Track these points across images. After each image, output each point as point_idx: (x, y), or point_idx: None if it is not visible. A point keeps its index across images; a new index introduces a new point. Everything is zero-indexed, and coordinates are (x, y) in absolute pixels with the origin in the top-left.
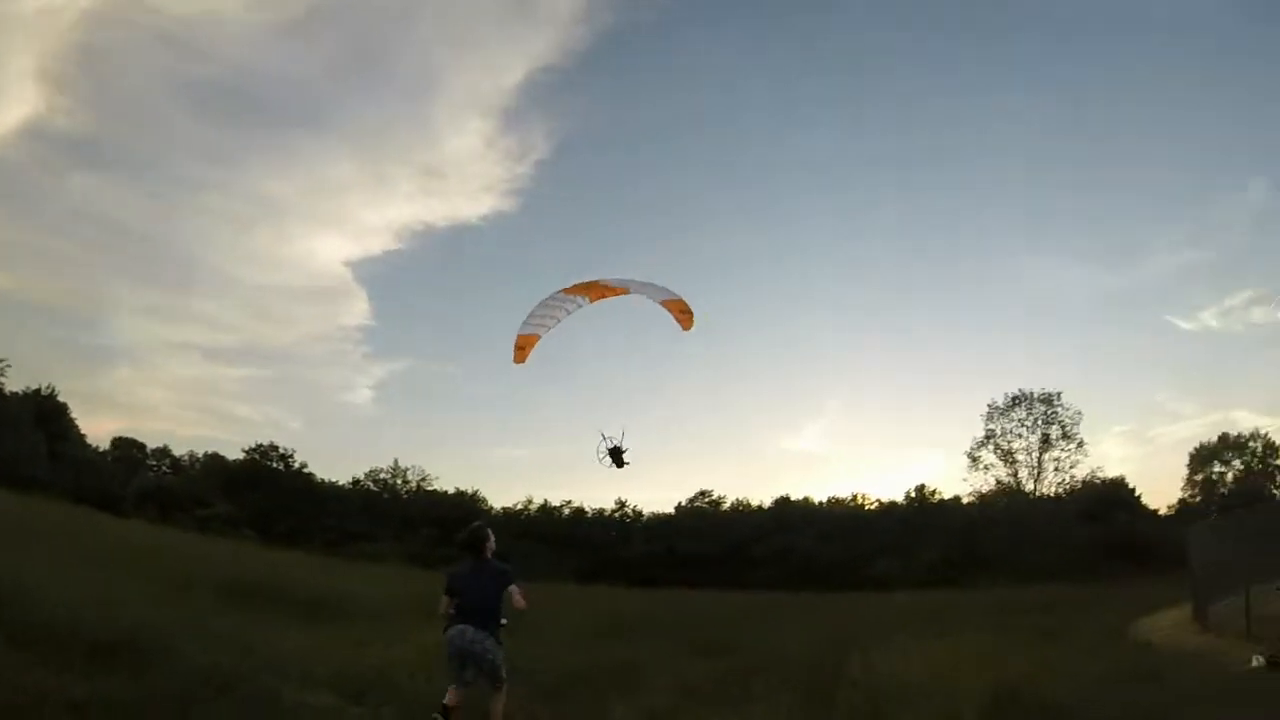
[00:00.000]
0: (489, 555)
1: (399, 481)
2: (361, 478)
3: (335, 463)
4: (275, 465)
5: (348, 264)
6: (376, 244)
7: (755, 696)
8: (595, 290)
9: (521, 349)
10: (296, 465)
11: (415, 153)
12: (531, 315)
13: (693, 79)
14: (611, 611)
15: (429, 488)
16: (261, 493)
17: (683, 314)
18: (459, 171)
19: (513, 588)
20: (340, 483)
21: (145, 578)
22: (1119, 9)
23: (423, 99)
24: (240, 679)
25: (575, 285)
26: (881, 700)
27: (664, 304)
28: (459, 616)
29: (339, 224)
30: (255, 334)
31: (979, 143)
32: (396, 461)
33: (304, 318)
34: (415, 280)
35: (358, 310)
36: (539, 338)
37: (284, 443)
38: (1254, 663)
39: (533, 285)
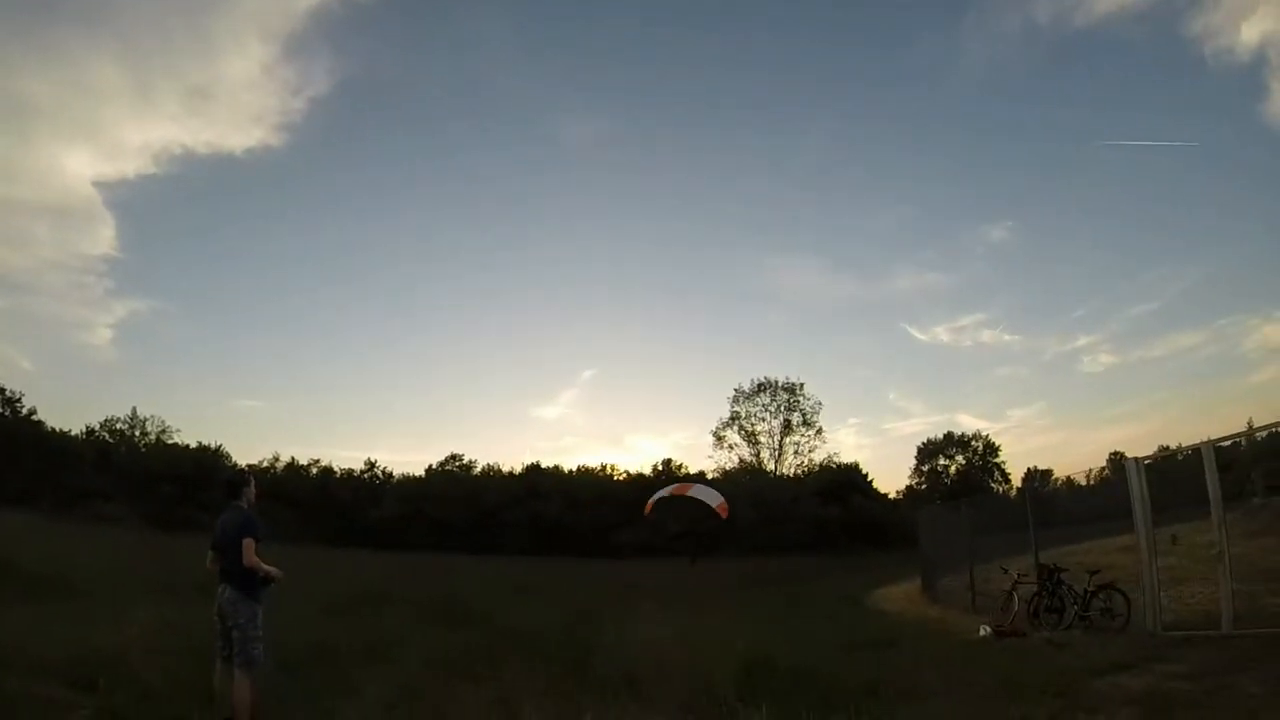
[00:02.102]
0: (246, 505)
1: (137, 433)
2: (97, 428)
3: (67, 409)
4: (2, 412)
5: (98, 184)
6: (131, 165)
7: (508, 668)
8: (681, 488)
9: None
10: (25, 411)
11: (187, 69)
12: (657, 496)
13: (484, 49)
14: (361, 577)
15: (169, 441)
16: None
17: (724, 508)
18: (230, 97)
19: (246, 540)
20: (73, 433)
21: None
22: (891, 64)
23: (205, 7)
24: None
25: (675, 487)
26: (635, 670)
27: (717, 507)
28: (221, 574)
29: (93, 136)
30: None
31: (756, 157)
32: (135, 410)
33: (43, 240)
34: (169, 210)
35: (103, 238)
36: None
37: (12, 384)
38: (982, 632)
39: (290, 231)
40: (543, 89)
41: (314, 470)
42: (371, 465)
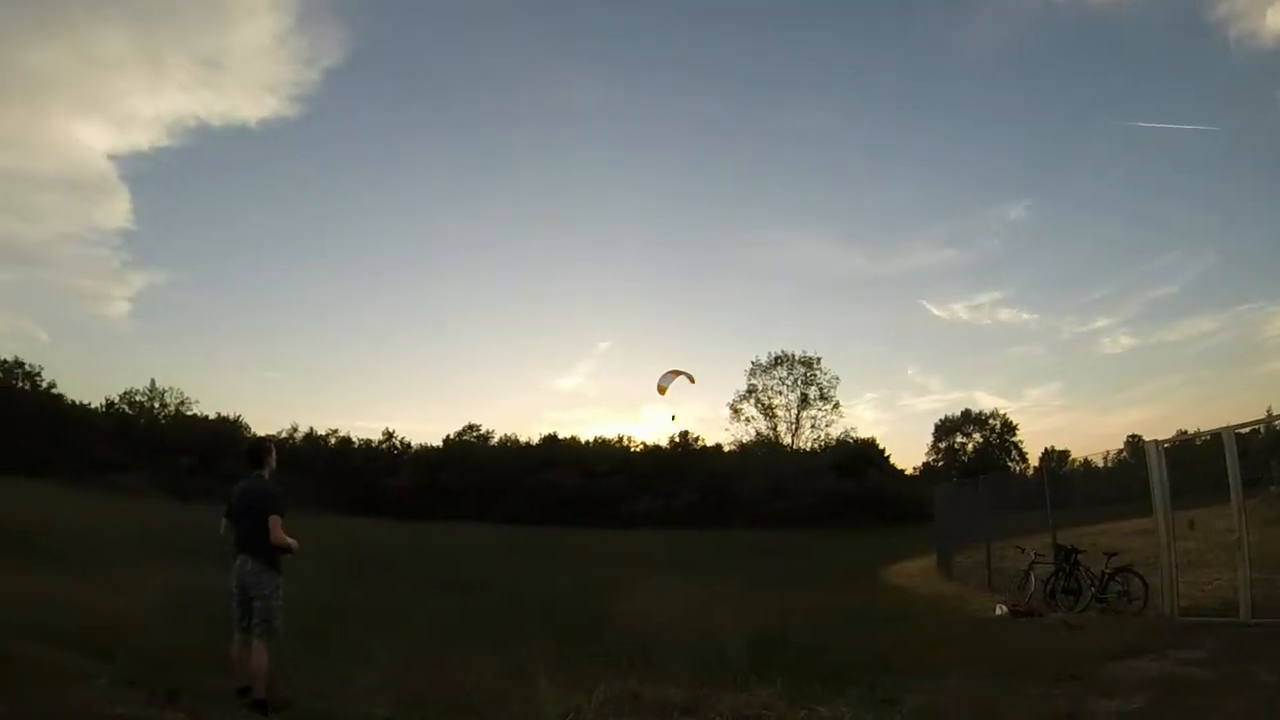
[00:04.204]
0: (267, 474)
1: (156, 405)
2: (116, 400)
3: (85, 382)
4: (20, 385)
5: (111, 156)
6: (144, 137)
7: (520, 636)
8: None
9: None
10: (44, 385)
11: (197, 38)
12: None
13: (502, 14)
14: (375, 546)
15: (188, 412)
16: (4, 417)
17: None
18: (243, 67)
19: (273, 517)
20: (93, 405)
21: None
22: (906, 34)
23: None
24: None
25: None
26: (646, 640)
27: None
28: (237, 544)
29: (104, 108)
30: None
31: (774, 132)
32: (153, 382)
33: (57, 213)
34: (184, 182)
35: (118, 211)
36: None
37: (30, 358)
38: (998, 611)
39: (306, 202)
40: (554, 58)
41: (332, 440)
42: (389, 435)
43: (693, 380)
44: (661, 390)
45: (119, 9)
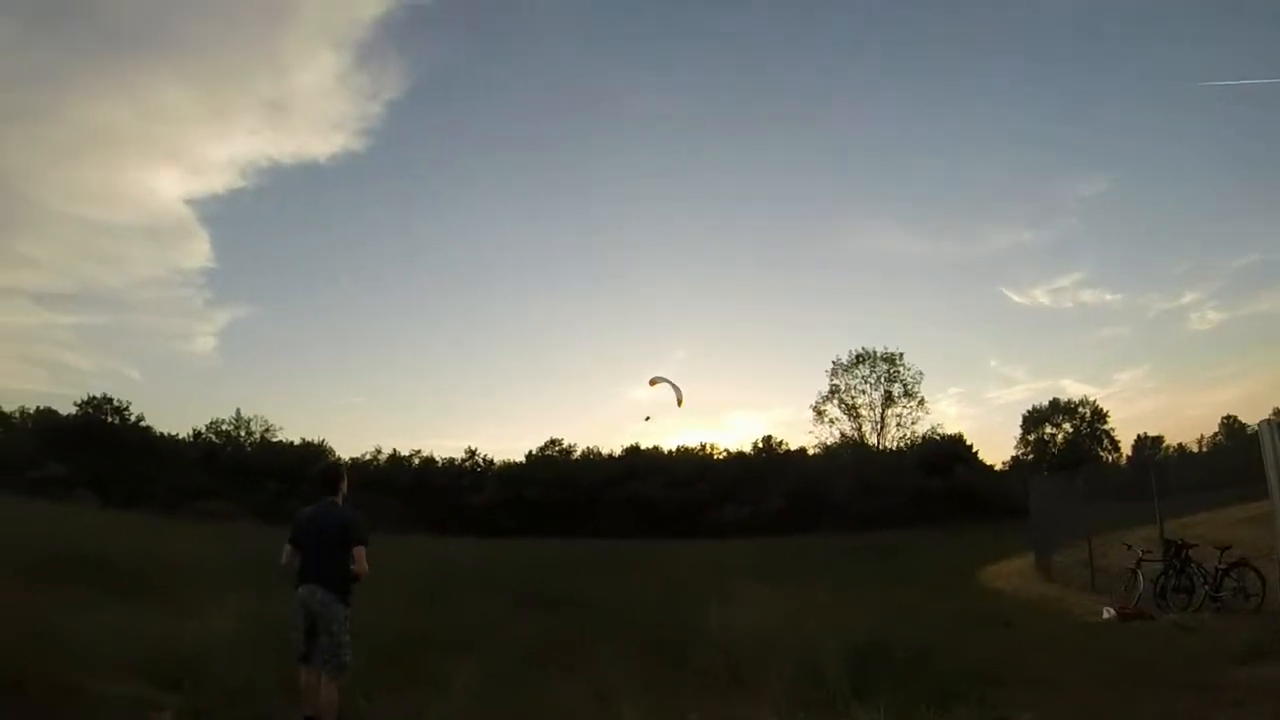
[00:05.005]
0: (340, 499)
1: (242, 433)
2: (203, 430)
3: (175, 415)
4: (111, 420)
5: (188, 202)
6: (219, 181)
7: (603, 656)
8: (655, 381)
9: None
10: (134, 419)
11: (261, 84)
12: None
13: (552, 32)
14: (455, 564)
15: (273, 439)
16: (97, 451)
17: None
18: (307, 107)
19: (358, 549)
20: (181, 436)
21: None
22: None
23: (271, 26)
24: (36, 671)
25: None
26: (736, 657)
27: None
28: (304, 572)
29: (177, 157)
30: (87, 278)
31: (835, 121)
32: (239, 412)
33: (140, 260)
34: (259, 221)
35: (198, 252)
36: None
37: (120, 395)
38: (1105, 614)
39: (380, 231)
40: (609, 70)
41: (415, 460)
42: (472, 453)
43: (680, 403)
44: (653, 383)
45: (185, 65)
